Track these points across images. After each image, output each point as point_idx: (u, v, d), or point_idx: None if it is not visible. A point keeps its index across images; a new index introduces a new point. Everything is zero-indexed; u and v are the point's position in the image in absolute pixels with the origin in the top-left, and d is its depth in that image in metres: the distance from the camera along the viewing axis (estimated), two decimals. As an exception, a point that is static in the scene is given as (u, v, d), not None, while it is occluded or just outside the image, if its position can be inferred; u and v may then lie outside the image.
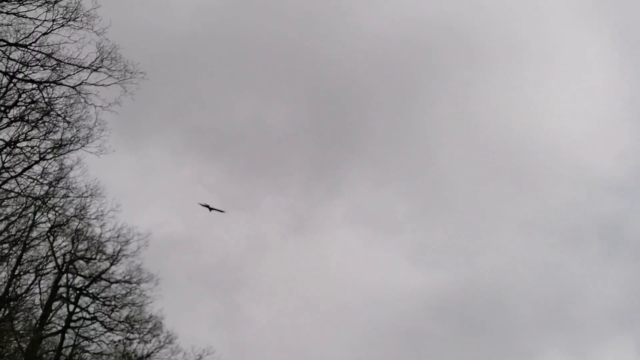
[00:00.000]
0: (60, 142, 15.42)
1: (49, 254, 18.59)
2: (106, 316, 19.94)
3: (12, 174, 15.18)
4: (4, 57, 14.11)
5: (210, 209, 21.09)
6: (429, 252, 50.10)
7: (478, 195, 53.61)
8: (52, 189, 16.61)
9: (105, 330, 20.00)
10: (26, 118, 14.93)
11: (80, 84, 14.39)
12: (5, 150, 15.00)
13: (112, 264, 19.77)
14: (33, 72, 14.37)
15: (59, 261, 19.00)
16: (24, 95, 14.66)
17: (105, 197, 18.39)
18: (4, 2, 13.65)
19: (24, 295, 18.24)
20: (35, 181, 15.82)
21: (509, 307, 47.43)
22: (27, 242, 17.64)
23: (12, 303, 17.51)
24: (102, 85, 14.43)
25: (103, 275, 19.80)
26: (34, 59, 14.20)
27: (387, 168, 57.12)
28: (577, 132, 55.56)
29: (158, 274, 20.56)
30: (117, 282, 19.98)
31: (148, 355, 21.30)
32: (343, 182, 55.70)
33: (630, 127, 56.02)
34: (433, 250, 50.30)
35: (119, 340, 20.53)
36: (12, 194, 15.68)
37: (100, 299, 19.84)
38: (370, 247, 49.94)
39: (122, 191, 18.37)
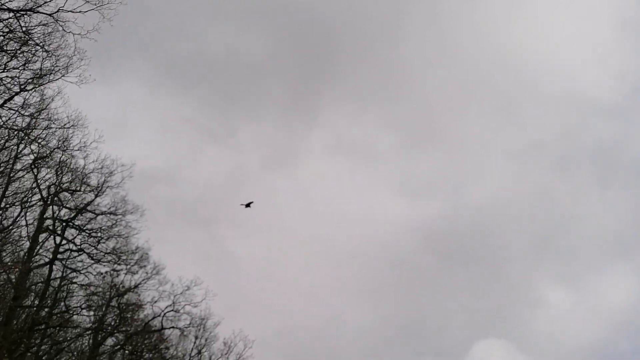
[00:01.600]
0: (40, 72, 15.39)
1: (33, 186, 18.69)
2: (93, 248, 20.12)
3: (-7, 105, 15.17)
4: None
5: (247, 205, 21.55)
6: (415, 182, 50.05)
7: (463, 124, 53.02)
8: (34, 120, 16.63)
9: (93, 261, 20.22)
10: (4, 48, 14.86)
11: (57, 12, 14.28)
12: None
13: (97, 196, 19.90)
14: (9, 1, 14.26)
15: (44, 193, 19.10)
16: (0, 25, 14.56)
17: (88, 128, 18.39)
18: None
19: (10, 228, 18.38)
20: (17, 112, 15.84)
21: (499, 237, 47.51)
22: (11, 174, 17.72)
23: (-1, 235, 17.68)
24: (80, 12, 14.33)
25: (88, 207, 19.93)
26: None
27: (368, 97, 56.23)
28: (569, 55, 53.85)
29: (143, 205, 20.71)
30: (102, 213, 20.13)
31: (136, 286, 21.59)
32: (323, 112, 54.94)
33: (627, 47, 54.07)
34: (419, 181, 50.22)
35: (106, 272, 20.77)
36: (-6, 126, 15.69)
37: (87, 231, 20.00)
38: (353, 178, 49.77)
39: (98, 124, 18.38)
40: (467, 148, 53.13)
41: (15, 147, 17.56)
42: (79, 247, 20.09)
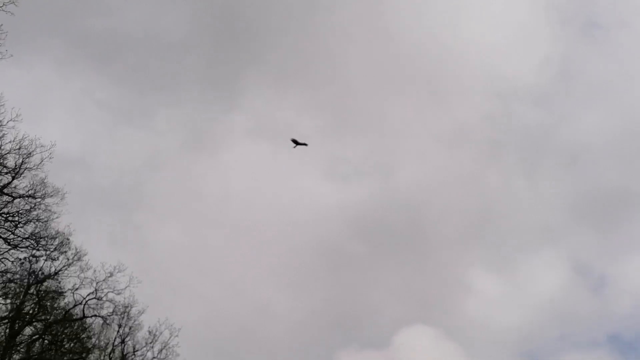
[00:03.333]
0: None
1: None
2: (10, 232, 19.10)
3: None
4: None
5: (297, 144, 20.70)
6: (342, 167, 49.60)
7: (389, 108, 52.66)
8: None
9: (10, 247, 19.22)
10: None
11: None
12: None
13: (14, 178, 18.82)
14: None
15: (-44, 174, 17.99)
16: None
17: (4, 106, 17.38)
18: None
19: None
20: None
21: (429, 223, 47.56)
22: None
23: None
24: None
25: (5, 190, 18.87)
26: None
27: (290, 78, 55.10)
28: (493, 40, 53.75)
29: (64, 188, 19.78)
30: (20, 196, 19.08)
31: (56, 273, 20.71)
32: (243, 95, 53.56)
33: (551, 32, 54.34)
34: (346, 165, 49.76)
35: (25, 258, 19.88)
36: None
37: (3, 215, 18.97)
38: (276, 162, 48.85)
39: (15, 104, 17.34)
40: (394, 132, 53.02)
41: None
42: (-5, 231, 19.05)
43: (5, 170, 18.62)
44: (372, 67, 54.33)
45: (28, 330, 20.51)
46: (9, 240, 19.13)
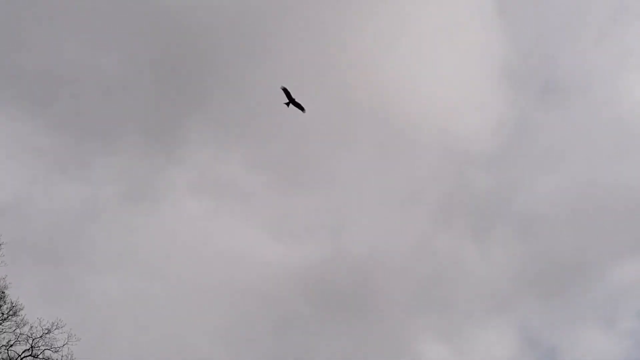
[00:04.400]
0: None
1: None
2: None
3: None
4: None
5: (289, 102, 19.08)
6: (290, 225, 48.57)
7: (339, 166, 51.68)
8: None
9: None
10: None
11: None
12: None
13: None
14: None
15: None
16: None
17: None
18: None
19: None
20: None
21: (379, 286, 46.44)
22: None
23: None
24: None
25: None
26: None
27: (235, 131, 53.66)
28: (447, 101, 53.32)
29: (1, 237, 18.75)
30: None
31: (-11, 328, 19.50)
32: (185, 145, 51.80)
33: (504, 96, 54.24)
34: (294, 224, 48.74)
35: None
36: None
37: None
38: (221, 218, 47.52)
39: None
40: (344, 191, 52.25)
41: None
42: None
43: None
44: (322, 123, 53.58)
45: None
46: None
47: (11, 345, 19.94)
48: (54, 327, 20.43)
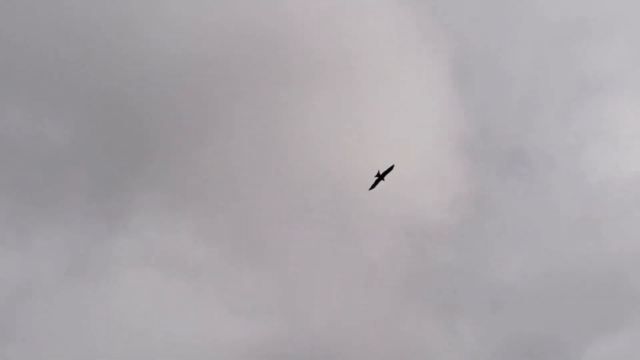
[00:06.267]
0: None
1: None
2: None
3: None
4: None
5: (382, 176, 17.78)
6: (246, 302, 45.88)
7: (296, 241, 49.28)
8: None
9: None
10: None
11: None
12: None
13: None
14: None
15: None
16: None
17: None
18: None
19: None
20: None
21: (342, 364, 43.62)
22: None
23: None
24: None
25: None
26: None
27: (184, 200, 50.70)
28: (403, 175, 51.37)
29: None
30: None
31: None
32: (131, 214, 48.60)
33: (462, 171, 52.59)
34: (250, 300, 46.04)
35: None
36: None
37: None
38: (170, 293, 44.63)
39: None
40: (299, 267, 49.74)
41: None
42: None
43: None
44: (276, 197, 51.32)
45: None
46: None
47: None
48: None
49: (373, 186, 19.55)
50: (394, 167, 19.09)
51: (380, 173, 19.17)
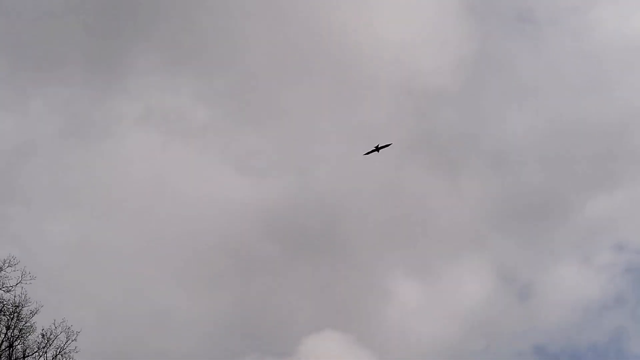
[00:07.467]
0: None
1: None
2: None
3: None
4: None
5: (379, 149, 19.88)
6: (251, 162, 46.52)
7: (297, 102, 49.31)
8: None
9: None
10: None
11: None
12: None
13: None
14: None
15: None
16: None
17: None
18: None
19: None
20: None
21: (348, 224, 44.96)
22: None
23: None
24: None
25: None
26: None
27: (184, 59, 50.41)
28: (405, 38, 51.02)
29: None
30: None
31: None
32: (129, 75, 48.55)
33: (467, 30, 52.14)
34: (255, 160, 46.71)
35: None
36: None
37: None
38: (171, 153, 45.24)
39: None
40: (300, 129, 49.94)
41: None
42: None
43: None
44: (276, 57, 50.70)
45: None
46: None
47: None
48: (6, 265, 19.19)
49: (368, 153, 21.31)
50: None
51: (379, 146, 21.09)
